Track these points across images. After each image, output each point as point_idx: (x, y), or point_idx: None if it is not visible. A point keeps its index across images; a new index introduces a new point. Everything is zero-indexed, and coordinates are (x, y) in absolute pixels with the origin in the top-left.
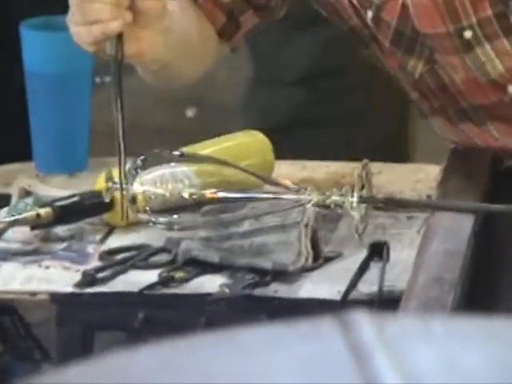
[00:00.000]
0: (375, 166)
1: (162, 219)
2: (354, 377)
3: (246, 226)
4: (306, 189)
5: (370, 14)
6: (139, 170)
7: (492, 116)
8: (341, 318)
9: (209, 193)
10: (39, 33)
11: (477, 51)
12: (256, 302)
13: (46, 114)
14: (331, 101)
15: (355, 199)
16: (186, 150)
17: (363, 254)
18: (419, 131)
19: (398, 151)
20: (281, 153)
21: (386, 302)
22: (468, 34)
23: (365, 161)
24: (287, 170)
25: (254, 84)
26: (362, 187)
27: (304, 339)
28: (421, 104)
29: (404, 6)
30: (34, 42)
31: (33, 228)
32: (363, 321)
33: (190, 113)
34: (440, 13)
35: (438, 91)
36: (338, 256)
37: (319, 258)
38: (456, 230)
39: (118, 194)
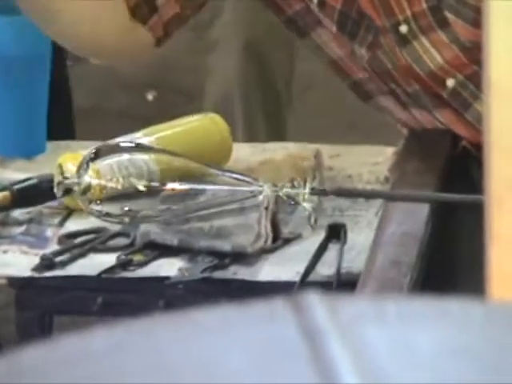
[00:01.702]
0: (334, 149)
1: (115, 209)
2: (306, 360)
3: (205, 209)
4: (257, 180)
5: None
6: (90, 163)
7: (436, 104)
8: (294, 300)
9: (161, 184)
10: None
11: (413, 44)
12: (215, 285)
13: (3, 97)
14: None
15: (307, 191)
16: (142, 133)
17: (322, 235)
18: None
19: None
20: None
21: (344, 284)
22: (403, 28)
23: (317, 150)
24: (246, 153)
25: None
26: (315, 177)
27: (256, 321)
28: (368, 84)
29: None
30: None
31: None
32: (316, 303)
33: (150, 96)
34: (375, 8)
35: (383, 75)
36: (296, 237)
37: (278, 240)
38: (413, 212)
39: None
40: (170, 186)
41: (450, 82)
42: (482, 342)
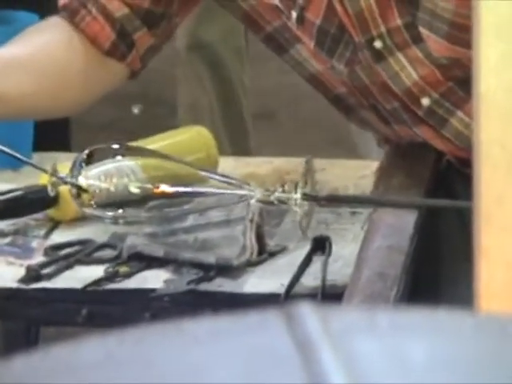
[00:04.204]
0: (319, 163)
1: (107, 213)
2: (298, 370)
3: (190, 220)
4: (249, 184)
5: (294, 14)
6: (83, 165)
7: (414, 121)
8: (286, 311)
9: (155, 187)
10: None
11: (389, 60)
12: (200, 297)
13: None
14: None
15: (298, 196)
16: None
17: (307, 248)
18: None
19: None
20: None
21: (329, 296)
22: (378, 44)
23: (308, 157)
24: (231, 166)
25: None
26: (306, 183)
27: (249, 331)
28: (349, 99)
29: (330, 5)
30: None
31: None
32: (308, 313)
33: (136, 109)
34: (352, 24)
35: (363, 91)
36: (282, 250)
37: (264, 253)
38: (399, 226)
39: (62, 189)
40: (161, 188)
41: (426, 101)
42: (473, 353)
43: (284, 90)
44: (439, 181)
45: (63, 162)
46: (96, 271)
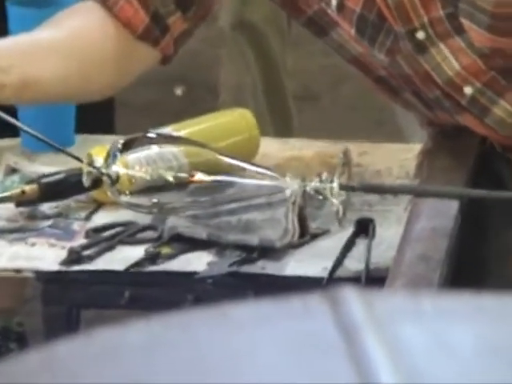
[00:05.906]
0: (362, 146)
1: (144, 201)
2: (342, 354)
3: (233, 203)
4: (285, 176)
5: (333, 1)
6: (118, 154)
7: (457, 110)
8: (330, 295)
9: (190, 176)
10: (26, 9)
11: (431, 51)
12: (243, 279)
13: None
14: None
15: (335, 186)
16: (171, 128)
17: (350, 230)
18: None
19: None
20: None
21: (373, 279)
22: (420, 34)
23: (345, 147)
24: (275, 149)
25: None
26: (343, 173)
27: (293, 316)
28: (391, 81)
29: None
30: (20, 18)
31: (18, 205)
32: (352, 298)
33: (179, 91)
34: (392, 14)
35: (404, 79)
36: (324, 233)
37: (306, 235)
38: (443, 207)
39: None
40: (197, 177)
41: (468, 90)
42: None
43: (327, 72)
44: (483, 163)
45: (105, 145)
46: (138, 253)
